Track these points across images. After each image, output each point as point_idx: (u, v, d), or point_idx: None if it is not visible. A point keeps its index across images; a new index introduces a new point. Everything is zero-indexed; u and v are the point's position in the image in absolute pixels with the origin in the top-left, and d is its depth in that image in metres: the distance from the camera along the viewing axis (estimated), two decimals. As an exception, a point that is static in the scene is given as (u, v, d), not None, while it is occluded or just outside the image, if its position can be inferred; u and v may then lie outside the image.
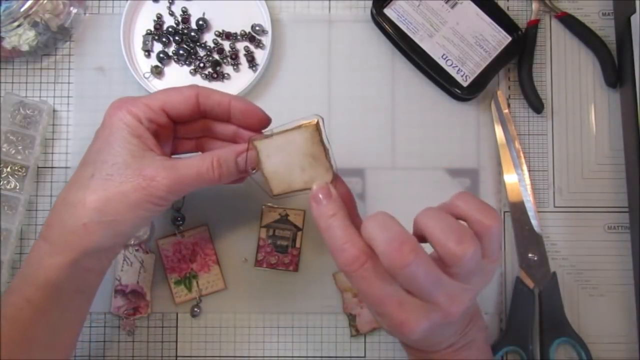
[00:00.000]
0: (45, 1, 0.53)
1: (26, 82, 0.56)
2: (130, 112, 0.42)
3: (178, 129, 0.46)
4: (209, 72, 0.56)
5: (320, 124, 0.42)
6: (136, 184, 0.41)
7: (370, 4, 0.55)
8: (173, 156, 0.48)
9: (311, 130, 0.41)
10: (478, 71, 0.54)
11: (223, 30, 0.56)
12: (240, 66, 0.56)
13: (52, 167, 0.56)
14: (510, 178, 0.55)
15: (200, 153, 0.49)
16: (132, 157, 0.41)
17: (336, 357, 0.54)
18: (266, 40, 0.56)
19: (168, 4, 0.57)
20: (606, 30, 0.57)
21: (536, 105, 0.55)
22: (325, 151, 0.42)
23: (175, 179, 0.41)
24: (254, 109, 0.45)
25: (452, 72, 0.54)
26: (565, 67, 0.57)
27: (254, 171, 0.44)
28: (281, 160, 0.42)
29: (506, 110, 0.56)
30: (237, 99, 0.45)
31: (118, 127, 0.42)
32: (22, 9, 0.51)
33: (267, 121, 0.46)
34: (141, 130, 0.42)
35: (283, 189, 0.43)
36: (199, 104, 0.44)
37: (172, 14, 0.56)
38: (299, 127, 0.42)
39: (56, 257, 0.41)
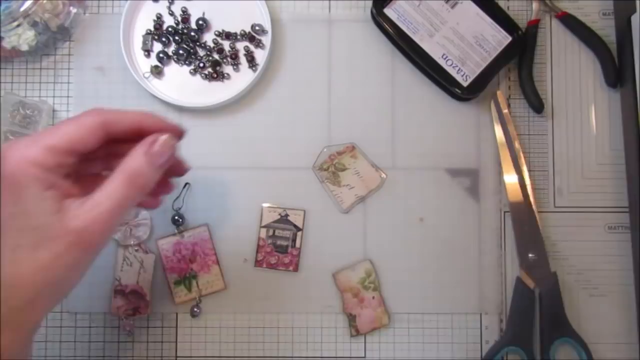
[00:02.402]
0: (44, 1, 0.53)
1: (26, 82, 0.56)
2: (35, 162, 0.35)
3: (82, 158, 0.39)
4: (208, 72, 0.56)
5: None
6: (67, 243, 0.35)
7: (370, 4, 0.55)
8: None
9: None
10: (478, 71, 0.54)
11: (223, 30, 0.56)
12: (240, 66, 0.56)
13: (51, 167, 0.55)
14: (510, 178, 0.55)
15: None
16: (52, 215, 0.35)
17: (336, 357, 0.54)
18: (266, 40, 0.56)
19: (168, 4, 0.57)
20: (606, 30, 0.57)
21: (536, 105, 0.55)
22: None
23: (103, 218, 0.36)
24: (169, 127, 0.41)
25: (452, 72, 0.54)
26: (565, 67, 0.57)
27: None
28: None
29: (506, 111, 0.56)
30: (147, 117, 0.40)
31: (25, 185, 0.35)
32: (22, 9, 0.51)
33: (182, 133, 0.42)
34: (51, 178, 0.36)
35: None
36: (105, 133, 0.38)
37: (172, 13, 0.56)
38: None
39: (7, 335, 0.35)
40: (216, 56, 0.56)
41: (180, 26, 0.56)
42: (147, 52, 0.56)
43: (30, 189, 0.35)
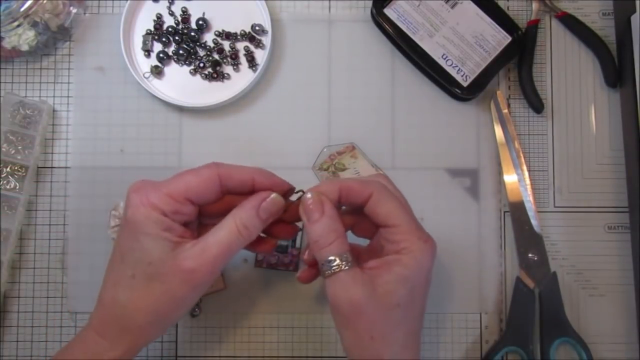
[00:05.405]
0: (45, 1, 0.53)
1: (26, 82, 0.56)
2: (155, 207, 0.40)
3: (202, 210, 0.44)
4: (208, 72, 0.56)
5: None
6: (179, 280, 0.40)
7: (370, 4, 0.55)
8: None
9: None
10: (478, 71, 0.54)
11: (223, 30, 0.56)
12: (240, 66, 0.56)
13: (51, 167, 0.56)
14: (510, 178, 0.55)
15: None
16: (167, 253, 0.40)
17: (336, 357, 0.54)
18: (266, 40, 0.56)
19: (168, 4, 0.57)
20: (606, 30, 0.57)
21: (536, 105, 0.55)
22: None
23: (212, 262, 0.41)
24: (278, 183, 0.44)
25: (452, 72, 0.54)
26: (565, 67, 0.57)
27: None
28: None
29: (506, 110, 0.56)
30: (260, 173, 0.44)
31: (146, 225, 0.40)
32: (22, 9, 0.51)
33: (291, 191, 0.46)
34: (168, 222, 0.41)
35: None
36: (221, 186, 0.43)
37: (172, 13, 0.56)
38: None
39: (115, 351, 0.42)
40: (216, 56, 0.56)
41: (180, 26, 0.56)
42: (147, 52, 0.56)
43: (149, 229, 0.40)
